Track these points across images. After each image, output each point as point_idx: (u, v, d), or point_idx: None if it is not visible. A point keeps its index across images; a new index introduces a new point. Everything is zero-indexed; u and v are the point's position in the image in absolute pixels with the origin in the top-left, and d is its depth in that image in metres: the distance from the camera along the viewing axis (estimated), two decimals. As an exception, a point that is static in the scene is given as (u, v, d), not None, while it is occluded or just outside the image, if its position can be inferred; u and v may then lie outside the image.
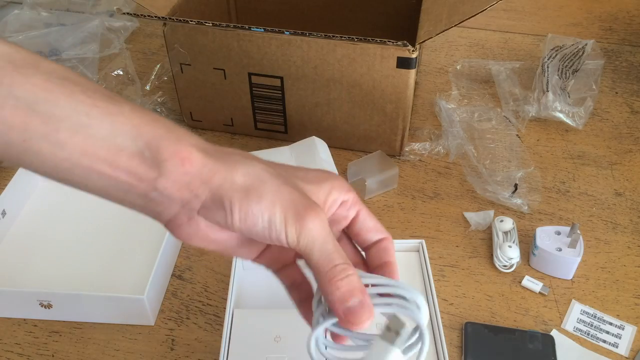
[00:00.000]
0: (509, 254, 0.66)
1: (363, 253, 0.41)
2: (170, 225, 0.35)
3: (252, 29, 0.73)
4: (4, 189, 0.69)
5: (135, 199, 0.34)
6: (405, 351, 0.34)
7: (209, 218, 0.35)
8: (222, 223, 0.34)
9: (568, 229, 0.66)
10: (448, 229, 0.72)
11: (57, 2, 1.08)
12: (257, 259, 0.40)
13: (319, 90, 0.77)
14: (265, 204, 0.34)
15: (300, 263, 0.41)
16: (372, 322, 0.34)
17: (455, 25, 0.67)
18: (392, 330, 0.34)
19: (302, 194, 0.35)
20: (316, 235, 0.34)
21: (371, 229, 0.40)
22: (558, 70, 0.89)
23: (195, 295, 0.64)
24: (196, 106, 0.84)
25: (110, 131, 0.32)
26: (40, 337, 0.60)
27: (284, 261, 0.41)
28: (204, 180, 0.34)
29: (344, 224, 0.40)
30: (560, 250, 0.65)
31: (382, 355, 0.34)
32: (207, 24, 0.73)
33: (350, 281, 0.34)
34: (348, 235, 0.41)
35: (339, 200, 0.38)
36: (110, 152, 0.32)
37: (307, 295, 0.40)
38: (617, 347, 0.60)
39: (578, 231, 0.65)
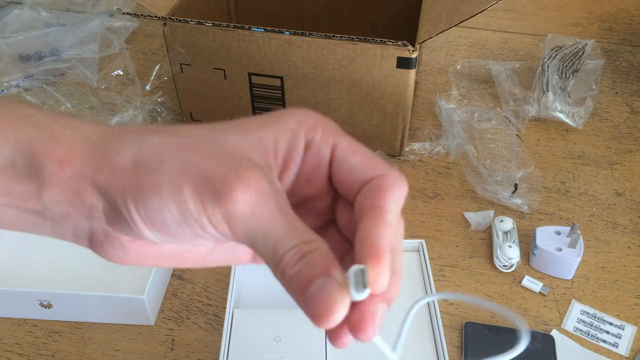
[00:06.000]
0: (509, 254, 0.66)
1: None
2: (92, 247, 0.28)
3: (252, 29, 0.73)
4: (4, 189, 0.69)
5: (38, 222, 0.27)
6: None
7: (120, 232, 0.26)
8: (132, 235, 0.26)
9: (568, 229, 0.66)
10: (448, 229, 0.72)
11: (57, 2, 1.08)
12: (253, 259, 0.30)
13: (319, 90, 0.77)
14: (166, 190, 0.24)
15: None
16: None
17: (455, 25, 0.67)
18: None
19: (224, 157, 0.24)
20: (250, 217, 0.23)
21: (356, 166, 0.27)
22: (558, 70, 0.89)
23: (195, 295, 0.64)
24: (196, 106, 0.84)
25: None
26: (40, 337, 0.60)
27: None
28: (92, 180, 0.25)
29: (323, 172, 0.27)
30: (560, 250, 0.65)
31: None
32: (207, 24, 0.73)
33: (311, 260, 0.24)
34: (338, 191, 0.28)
35: (300, 143, 0.26)
36: None
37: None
38: (617, 347, 0.60)
39: (578, 231, 0.65)
